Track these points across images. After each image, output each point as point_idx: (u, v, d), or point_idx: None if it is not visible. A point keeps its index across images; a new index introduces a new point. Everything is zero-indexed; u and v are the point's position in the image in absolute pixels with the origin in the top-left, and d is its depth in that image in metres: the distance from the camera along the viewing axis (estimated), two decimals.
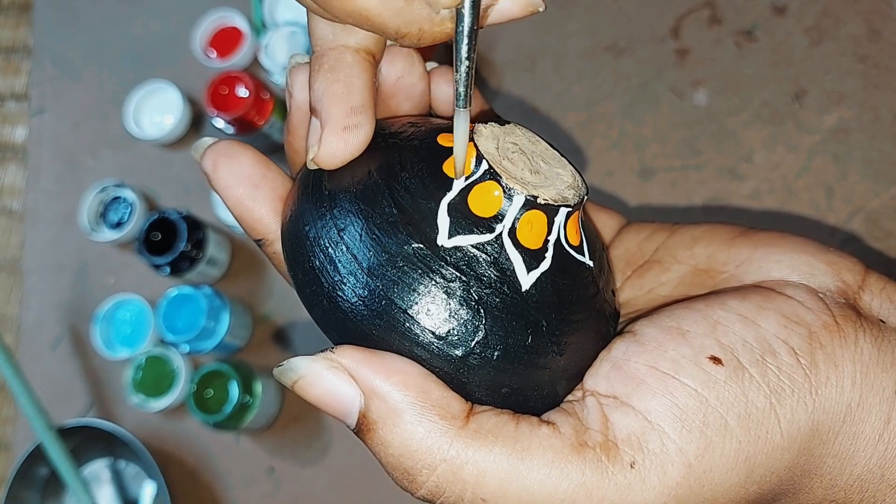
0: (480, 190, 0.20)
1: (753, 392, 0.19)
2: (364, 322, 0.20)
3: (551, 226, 0.21)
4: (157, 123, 0.72)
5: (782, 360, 0.20)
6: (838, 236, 0.59)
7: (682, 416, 0.19)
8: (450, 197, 0.20)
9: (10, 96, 0.91)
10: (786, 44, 0.64)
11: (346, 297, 0.20)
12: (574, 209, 0.21)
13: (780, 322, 0.20)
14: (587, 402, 0.20)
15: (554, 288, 0.21)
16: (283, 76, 0.65)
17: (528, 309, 0.20)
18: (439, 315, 0.20)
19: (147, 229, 0.64)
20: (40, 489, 0.65)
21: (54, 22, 0.80)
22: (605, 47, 0.67)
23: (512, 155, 0.21)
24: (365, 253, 0.20)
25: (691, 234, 0.24)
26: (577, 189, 0.22)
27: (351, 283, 0.20)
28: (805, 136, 0.62)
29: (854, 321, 0.21)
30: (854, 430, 0.20)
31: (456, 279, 0.20)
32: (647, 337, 0.21)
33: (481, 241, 0.20)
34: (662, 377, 0.19)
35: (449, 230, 0.20)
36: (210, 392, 0.61)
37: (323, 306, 0.21)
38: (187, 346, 0.63)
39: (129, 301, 0.67)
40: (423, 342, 0.19)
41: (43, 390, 0.61)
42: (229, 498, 0.64)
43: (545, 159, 0.22)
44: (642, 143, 0.64)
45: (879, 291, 0.22)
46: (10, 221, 0.79)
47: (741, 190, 0.62)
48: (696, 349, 0.20)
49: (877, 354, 0.20)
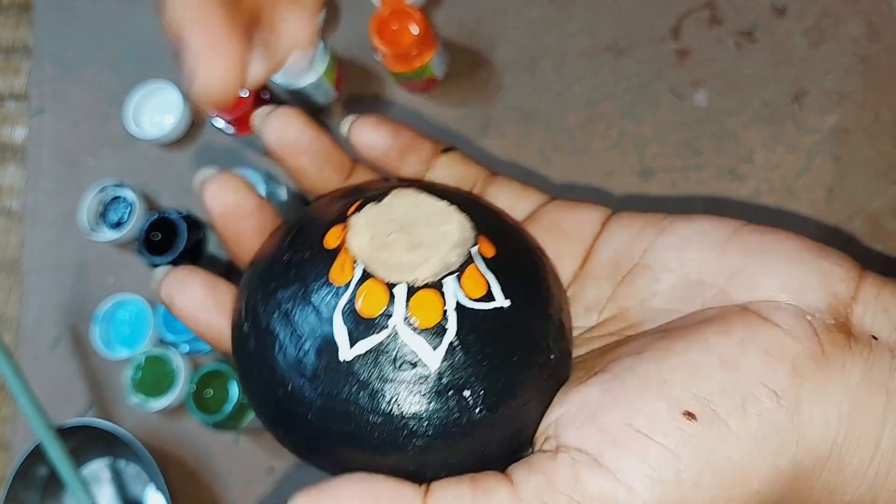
0: (364, 292, 0.21)
1: (730, 444, 0.19)
2: (306, 430, 0.23)
3: (444, 296, 0.21)
4: (157, 123, 0.72)
5: (763, 405, 0.19)
6: (838, 236, 0.59)
7: (653, 476, 0.19)
8: (340, 307, 0.21)
9: (9, 96, 0.91)
10: (786, 44, 0.64)
11: (277, 411, 0.23)
12: (462, 269, 0.21)
13: (763, 361, 0.20)
14: (559, 459, 0.20)
15: (466, 352, 0.21)
16: (282, 76, 0.65)
17: (446, 386, 0.20)
18: (371, 420, 0.21)
19: (147, 229, 0.64)
20: (40, 489, 0.65)
21: (54, 22, 0.80)
22: (605, 47, 0.67)
23: (388, 238, 0.21)
24: (281, 375, 0.22)
25: (680, 234, 0.23)
26: (465, 242, 0.21)
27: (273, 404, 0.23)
28: (805, 136, 0.62)
29: (842, 346, 0.20)
30: (840, 463, 0.20)
31: (368, 387, 0.20)
32: (624, 386, 0.20)
33: (380, 340, 0.21)
34: (636, 436, 0.19)
35: (349, 342, 0.21)
36: (210, 392, 0.61)
37: (266, 413, 0.24)
38: (187, 346, 0.63)
39: (128, 301, 0.67)
40: (366, 445, 0.21)
41: (42, 390, 0.61)
42: (229, 498, 0.64)
43: (428, 222, 0.22)
44: (642, 144, 0.64)
45: (874, 299, 0.21)
46: (9, 221, 0.79)
47: (741, 190, 0.62)
48: (671, 403, 0.20)
49: (865, 380, 0.20)
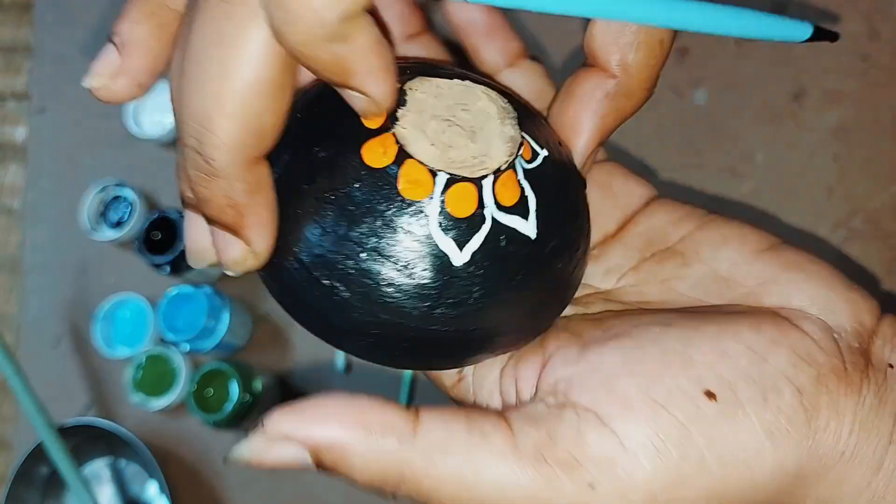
0: (453, 195, 0.20)
1: (744, 431, 0.19)
2: (297, 288, 0.21)
3: (517, 172, 0.21)
4: (158, 122, 0.72)
5: (785, 399, 0.19)
6: (838, 235, 0.59)
7: (659, 447, 0.19)
8: (434, 220, 0.20)
9: (10, 95, 0.91)
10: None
11: (285, 266, 0.21)
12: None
13: (791, 360, 0.20)
14: (565, 415, 0.20)
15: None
16: None
17: (548, 253, 0.21)
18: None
19: (147, 228, 0.64)
20: (41, 488, 0.65)
21: (55, 21, 0.80)
22: None
23: (445, 137, 0.21)
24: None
25: (721, 232, 0.24)
26: (506, 112, 0.22)
27: (289, 258, 0.21)
28: (805, 135, 0.62)
29: (862, 369, 0.21)
30: (841, 477, 0.20)
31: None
32: (647, 356, 0.20)
33: (485, 234, 0.21)
34: (652, 406, 0.19)
35: (458, 247, 0.21)
36: (210, 391, 0.61)
37: (271, 276, 0.22)
38: (187, 346, 0.63)
39: (129, 300, 0.67)
40: (350, 306, 0.21)
41: (43, 389, 0.61)
42: (230, 497, 0.64)
43: (464, 105, 0.22)
44: (642, 143, 0.64)
45: (892, 337, 0.22)
46: (9, 220, 0.79)
47: (741, 189, 0.62)
48: (693, 380, 0.20)
49: (878, 404, 0.20)
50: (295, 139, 0.21)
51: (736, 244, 0.23)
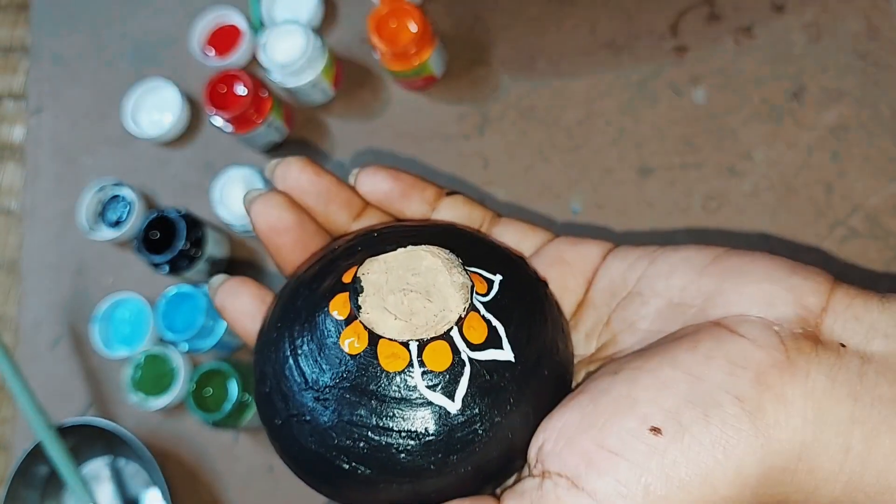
0: (429, 357, 0.22)
1: (694, 452, 0.20)
2: (329, 485, 0.24)
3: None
4: (156, 122, 0.72)
5: (726, 411, 0.20)
6: (837, 233, 0.59)
7: (624, 493, 0.20)
8: (421, 385, 0.23)
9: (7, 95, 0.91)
10: (785, 41, 0.64)
11: (308, 472, 0.24)
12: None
13: (726, 370, 0.21)
14: (544, 485, 0.22)
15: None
16: (281, 74, 0.65)
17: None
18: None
19: (146, 228, 0.64)
20: (40, 488, 0.65)
21: (52, 20, 0.80)
22: (603, 44, 0.67)
23: (408, 305, 0.23)
24: (307, 440, 0.23)
25: (669, 262, 0.25)
26: (466, 290, 0.23)
27: (307, 461, 0.24)
28: (804, 133, 0.62)
29: (808, 353, 0.21)
30: (811, 466, 0.20)
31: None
32: (599, 408, 0.22)
33: (469, 375, 0.23)
34: (608, 457, 0.21)
35: (451, 400, 0.23)
36: (209, 390, 0.61)
37: (289, 460, 0.25)
38: (186, 345, 0.63)
39: (127, 300, 0.67)
40: (383, 492, 0.23)
41: (42, 389, 0.61)
42: (229, 496, 0.64)
43: (427, 276, 0.24)
44: (641, 141, 0.64)
45: (844, 310, 0.22)
46: (8, 221, 0.79)
47: (740, 187, 0.62)
48: (639, 420, 0.21)
49: (830, 386, 0.20)
50: (280, 344, 0.24)
51: (682, 268, 0.25)
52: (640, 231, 0.62)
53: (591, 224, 0.63)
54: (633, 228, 0.62)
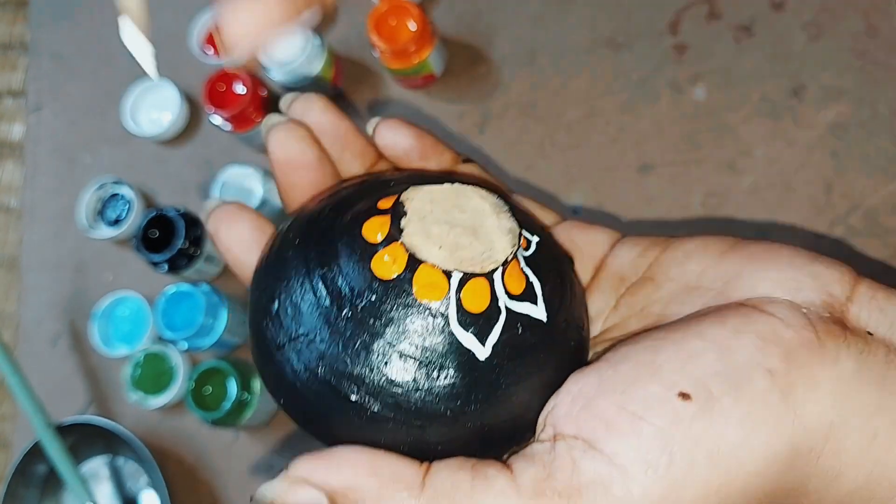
0: (468, 293, 0.21)
1: (723, 425, 0.19)
2: (326, 419, 0.22)
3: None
4: (155, 120, 0.72)
5: (756, 386, 0.19)
6: (836, 232, 0.59)
7: (648, 458, 0.19)
8: (454, 318, 0.21)
9: (7, 93, 0.91)
10: (784, 39, 0.64)
11: (305, 405, 0.22)
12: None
13: (756, 345, 0.20)
14: (557, 447, 0.20)
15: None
16: (280, 73, 0.65)
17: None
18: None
19: (145, 226, 0.64)
20: (39, 486, 0.65)
21: (51, 18, 0.80)
22: (603, 42, 0.67)
23: (451, 238, 0.22)
24: (313, 363, 0.21)
25: (683, 249, 0.24)
26: (513, 236, 0.22)
27: (304, 392, 0.22)
28: (803, 131, 0.62)
29: (837, 336, 0.20)
30: (837, 448, 0.20)
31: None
32: (619, 373, 0.21)
33: (502, 325, 0.21)
34: (631, 419, 0.20)
35: (480, 343, 0.21)
36: (208, 389, 0.61)
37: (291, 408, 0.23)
38: (185, 344, 0.63)
39: (127, 298, 0.67)
40: (385, 426, 0.21)
41: (41, 387, 0.61)
42: (228, 495, 0.64)
43: (475, 216, 0.22)
44: (641, 139, 0.64)
45: (869, 301, 0.22)
46: (7, 219, 0.79)
47: (740, 185, 0.62)
48: (666, 386, 0.20)
49: (859, 371, 0.20)
50: (297, 264, 0.22)
51: (699, 254, 0.24)
52: (641, 228, 0.62)
53: (592, 221, 0.63)
54: (634, 226, 0.62)
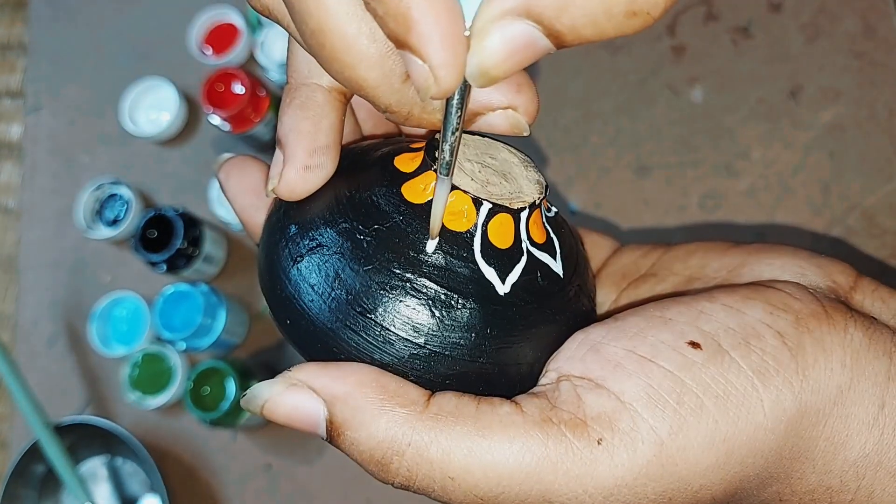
0: (495, 226, 0.21)
1: (733, 374, 0.19)
2: (335, 337, 0.21)
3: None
4: (153, 120, 0.72)
5: (767, 342, 0.20)
6: (834, 232, 0.60)
7: (655, 397, 0.19)
8: (477, 249, 0.21)
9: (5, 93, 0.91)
10: (781, 40, 0.64)
11: (314, 322, 0.21)
12: (535, 207, 0.22)
13: (767, 309, 0.20)
14: (561, 385, 0.20)
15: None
16: (279, 73, 0.65)
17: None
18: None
19: (143, 227, 0.64)
20: (37, 487, 0.65)
21: (50, 19, 0.80)
22: (600, 44, 0.67)
23: (481, 175, 0.22)
24: (331, 276, 0.21)
25: (686, 248, 0.25)
26: (540, 186, 0.23)
27: (316, 308, 0.21)
28: (801, 132, 0.62)
29: (844, 311, 0.21)
30: (846, 413, 0.20)
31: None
32: (628, 324, 0.21)
33: (523, 266, 0.21)
34: (639, 360, 0.20)
35: (500, 279, 0.21)
36: (207, 389, 0.61)
37: (297, 331, 0.22)
38: (184, 344, 0.63)
39: (125, 298, 0.67)
40: (395, 349, 0.20)
41: (39, 388, 0.61)
42: (227, 495, 0.64)
43: (504, 164, 0.23)
44: (638, 140, 0.64)
45: (871, 293, 0.22)
46: (5, 219, 0.79)
47: (737, 186, 0.62)
48: (675, 334, 0.20)
49: (868, 342, 0.20)
50: (323, 190, 0.22)
51: (701, 252, 0.24)
52: (638, 230, 0.62)
53: (589, 224, 0.63)
54: (631, 227, 0.62)
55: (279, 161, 0.22)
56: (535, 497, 0.19)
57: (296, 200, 0.23)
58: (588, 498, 0.19)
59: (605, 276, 0.27)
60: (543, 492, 0.19)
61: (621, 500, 0.19)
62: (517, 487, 0.19)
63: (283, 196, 0.22)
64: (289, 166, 0.22)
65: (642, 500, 0.19)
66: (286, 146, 0.22)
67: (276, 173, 0.22)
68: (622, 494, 0.19)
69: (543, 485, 0.19)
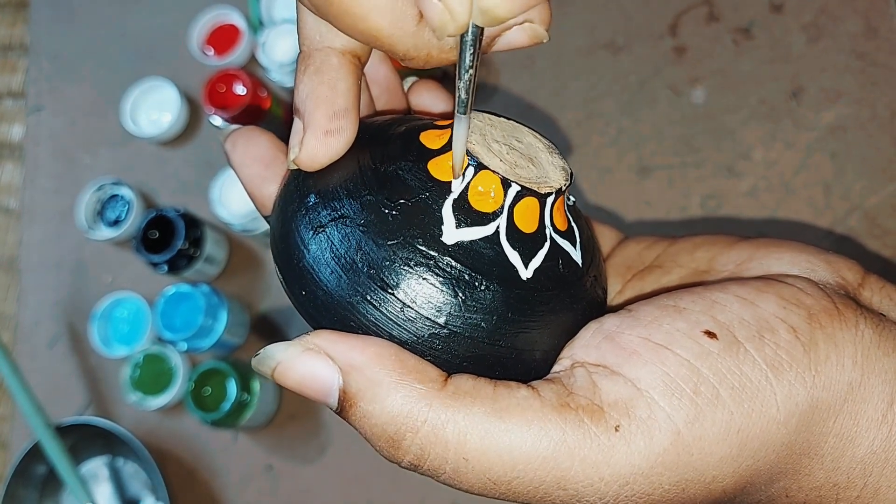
0: (521, 209, 0.21)
1: (748, 366, 0.19)
2: (353, 310, 0.20)
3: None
4: (155, 121, 0.72)
5: (780, 336, 0.20)
6: (835, 233, 0.60)
7: (672, 385, 0.19)
8: (503, 233, 0.21)
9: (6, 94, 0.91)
10: (783, 41, 0.64)
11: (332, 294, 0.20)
12: (562, 192, 0.22)
13: (779, 303, 0.20)
14: (576, 372, 0.20)
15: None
16: (280, 74, 0.65)
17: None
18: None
19: (144, 227, 0.64)
20: (38, 487, 0.65)
21: (51, 19, 0.80)
22: (602, 45, 0.67)
23: (500, 147, 0.22)
24: (353, 248, 0.20)
25: (692, 241, 0.25)
26: (565, 173, 0.22)
27: (335, 280, 0.20)
28: (802, 133, 0.62)
29: (854, 308, 0.21)
30: (856, 410, 0.20)
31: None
32: (642, 313, 0.21)
33: (547, 251, 0.21)
34: (655, 348, 0.19)
35: (523, 263, 0.21)
36: (208, 390, 0.61)
37: (312, 302, 0.21)
38: (185, 344, 0.63)
39: (126, 299, 0.67)
40: (414, 327, 0.20)
41: (40, 388, 0.61)
42: (227, 495, 0.64)
43: (530, 148, 0.23)
44: (640, 141, 0.64)
45: (879, 290, 0.22)
46: (7, 219, 0.79)
47: (739, 187, 0.62)
48: (691, 323, 0.20)
49: (878, 339, 0.20)
50: (346, 161, 0.22)
51: (708, 245, 0.24)
52: (640, 230, 0.62)
53: None
54: (633, 228, 0.62)
55: (298, 130, 0.22)
56: (549, 483, 0.19)
57: (315, 170, 0.22)
58: (603, 486, 0.18)
59: (610, 266, 0.27)
60: (559, 478, 0.18)
61: (636, 488, 0.19)
62: (532, 473, 0.18)
63: (304, 166, 0.22)
64: (309, 133, 0.21)
65: (657, 489, 0.19)
66: (305, 113, 0.21)
67: (296, 142, 0.22)
68: (637, 483, 0.19)
69: (560, 471, 0.18)
